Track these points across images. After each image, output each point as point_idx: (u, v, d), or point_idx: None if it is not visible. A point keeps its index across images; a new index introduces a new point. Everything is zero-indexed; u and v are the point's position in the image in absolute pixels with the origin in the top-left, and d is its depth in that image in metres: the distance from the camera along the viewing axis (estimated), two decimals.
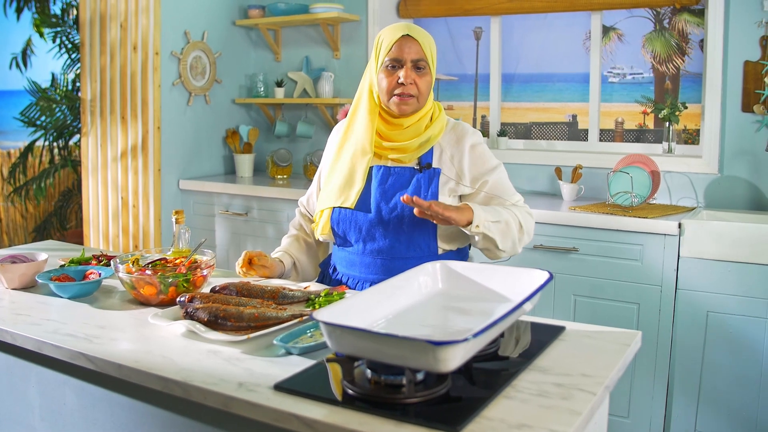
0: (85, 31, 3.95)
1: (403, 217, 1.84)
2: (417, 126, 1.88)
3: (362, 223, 1.87)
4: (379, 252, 1.88)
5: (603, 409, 1.35)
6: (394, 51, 1.83)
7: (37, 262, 1.88)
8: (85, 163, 4.07)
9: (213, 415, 1.26)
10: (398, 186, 1.86)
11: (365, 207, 1.88)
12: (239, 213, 3.78)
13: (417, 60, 1.83)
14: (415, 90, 1.83)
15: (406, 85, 1.82)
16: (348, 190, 1.89)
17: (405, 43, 1.83)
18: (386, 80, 1.84)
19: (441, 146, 1.91)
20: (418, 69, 1.84)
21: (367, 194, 1.89)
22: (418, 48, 1.83)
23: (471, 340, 1.07)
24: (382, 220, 1.85)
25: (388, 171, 1.88)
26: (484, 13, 3.75)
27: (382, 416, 1.08)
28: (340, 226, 1.90)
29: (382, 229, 1.86)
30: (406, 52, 1.82)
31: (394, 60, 1.83)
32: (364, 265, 1.91)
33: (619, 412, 2.82)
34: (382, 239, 1.87)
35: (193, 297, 1.56)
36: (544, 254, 2.95)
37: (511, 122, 3.84)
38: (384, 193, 1.87)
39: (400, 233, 1.85)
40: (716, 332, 2.64)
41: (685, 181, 3.20)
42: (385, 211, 1.85)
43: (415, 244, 1.87)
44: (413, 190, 1.85)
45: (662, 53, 3.40)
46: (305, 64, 4.19)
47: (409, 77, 1.82)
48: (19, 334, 1.50)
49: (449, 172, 1.88)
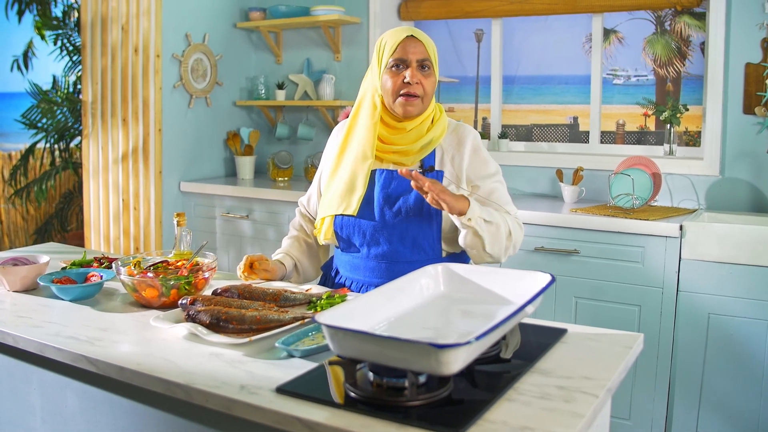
0: (86, 34, 3.96)
1: (408, 220, 1.83)
2: (419, 129, 1.87)
3: (366, 228, 1.86)
4: (383, 256, 1.87)
5: (605, 411, 1.35)
6: (399, 51, 1.82)
7: (39, 265, 1.88)
8: (86, 166, 4.07)
9: (215, 418, 1.26)
10: (401, 189, 1.84)
11: (368, 211, 1.86)
12: (240, 215, 3.78)
13: (422, 60, 1.83)
14: (420, 90, 1.82)
15: (413, 85, 1.80)
16: (349, 196, 1.87)
17: (409, 44, 1.82)
18: (391, 81, 1.83)
19: (443, 148, 1.90)
20: (423, 69, 1.83)
21: (370, 198, 1.87)
22: (422, 48, 1.83)
23: (473, 343, 1.07)
24: (386, 224, 1.84)
25: (390, 174, 1.86)
26: (485, 15, 3.75)
27: (384, 419, 1.08)
28: (344, 231, 1.89)
29: (387, 233, 1.85)
30: (411, 52, 1.81)
31: (399, 60, 1.82)
32: (369, 269, 1.90)
33: (621, 414, 2.82)
34: (386, 243, 1.85)
35: (195, 299, 1.56)
36: (545, 256, 2.95)
37: (512, 124, 3.84)
38: (387, 198, 1.85)
39: (405, 236, 1.84)
40: (717, 334, 2.64)
41: (686, 183, 3.20)
42: (389, 215, 1.84)
43: (420, 247, 1.86)
44: (417, 193, 1.80)
45: (663, 56, 3.40)
46: (306, 66, 4.19)
47: (416, 77, 1.81)
48: (20, 337, 1.50)
49: (450, 174, 1.88)
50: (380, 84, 1.86)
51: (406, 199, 1.83)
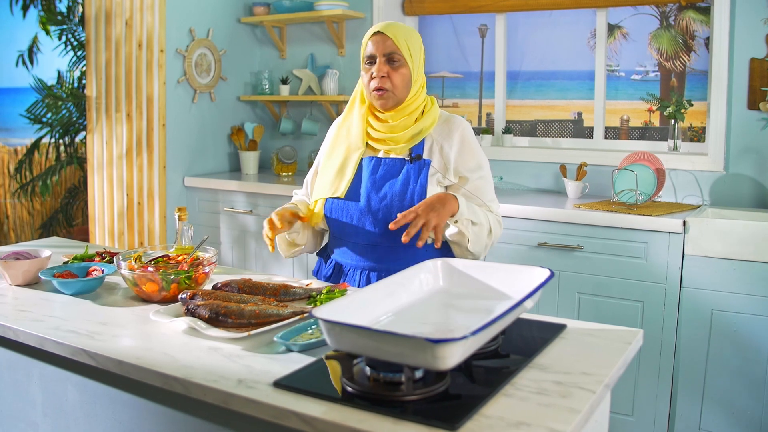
0: (90, 29, 3.96)
1: (392, 206, 1.88)
2: (405, 121, 1.92)
3: (353, 212, 1.93)
4: (370, 240, 1.92)
5: (604, 407, 1.34)
6: (369, 47, 1.90)
7: (41, 259, 1.88)
8: (90, 161, 4.08)
9: (213, 412, 1.27)
10: (388, 176, 1.91)
11: (356, 197, 1.93)
12: (244, 210, 3.78)
13: (389, 54, 1.87)
14: (388, 84, 1.87)
15: (379, 78, 1.87)
16: (339, 181, 1.96)
17: (377, 39, 1.89)
18: (366, 76, 1.92)
19: (432, 138, 1.95)
20: (392, 62, 1.88)
21: (357, 184, 1.94)
22: (389, 42, 1.88)
23: (469, 338, 1.07)
24: (372, 209, 1.90)
25: (379, 162, 1.94)
26: (489, 10, 3.74)
27: (381, 413, 1.08)
28: (333, 215, 1.96)
29: (372, 218, 1.90)
30: (378, 47, 1.88)
31: (369, 57, 1.90)
32: (357, 253, 1.96)
33: (623, 410, 2.82)
34: (372, 228, 1.91)
35: (195, 294, 1.56)
36: (548, 252, 2.94)
37: (516, 120, 3.83)
38: (374, 183, 1.92)
39: (390, 221, 1.87)
40: (721, 330, 2.63)
41: (690, 179, 3.18)
42: (375, 200, 1.90)
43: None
44: (403, 180, 1.89)
45: (668, 50, 3.38)
46: (310, 61, 4.19)
47: (381, 71, 1.87)
48: (21, 331, 1.51)
49: (438, 163, 1.92)
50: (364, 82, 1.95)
51: (392, 184, 1.90)
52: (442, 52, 3.99)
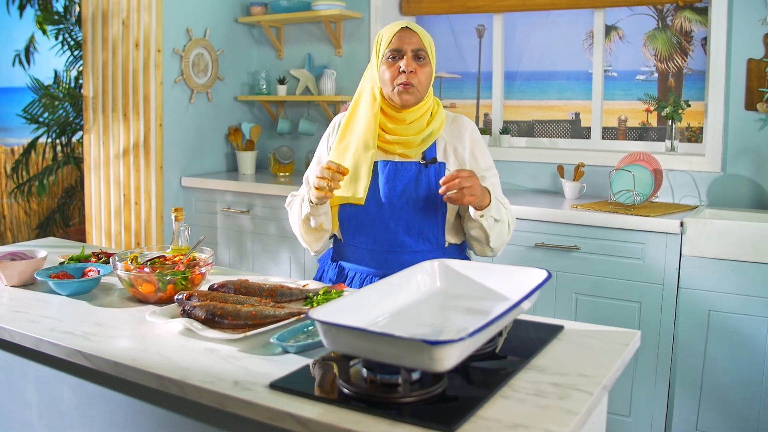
0: (87, 28, 3.95)
1: (413, 210, 1.88)
2: (420, 121, 1.92)
3: (372, 218, 1.91)
4: (388, 246, 1.91)
5: (601, 408, 1.34)
6: (395, 42, 1.87)
7: (36, 260, 1.88)
8: (87, 161, 4.07)
9: (209, 413, 1.26)
10: (405, 181, 1.90)
11: (374, 202, 1.91)
12: (241, 210, 3.77)
13: (417, 50, 1.87)
14: (416, 79, 1.86)
15: (407, 73, 1.85)
16: (354, 184, 1.91)
17: (404, 35, 1.88)
18: (388, 71, 1.88)
19: (444, 139, 1.96)
20: (418, 59, 1.88)
21: (375, 190, 1.91)
22: (417, 39, 1.88)
23: (467, 340, 1.06)
24: (393, 214, 1.89)
25: (395, 166, 1.91)
26: (487, 10, 3.74)
27: (377, 415, 1.08)
28: (351, 222, 1.93)
29: (392, 224, 1.89)
30: (406, 42, 1.87)
31: (395, 51, 1.87)
32: (373, 260, 1.94)
33: (621, 411, 2.82)
34: (391, 234, 1.90)
35: (191, 295, 1.56)
36: (545, 252, 2.94)
37: (514, 120, 3.83)
38: (393, 189, 1.90)
39: (410, 227, 1.89)
40: (718, 331, 2.63)
41: (687, 180, 3.18)
42: (395, 206, 1.89)
43: (424, 237, 1.90)
44: (423, 184, 1.89)
45: (664, 51, 3.38)
46: (307, 61, 4.18)
47: (410, 65, 1.86)
48: (17, 332, 1.50)
49: (454, 165, 1.93)
50: (378, 75, 1.91)
51: (412, 189, 1.88)
52: (440, 53, 3.99)
